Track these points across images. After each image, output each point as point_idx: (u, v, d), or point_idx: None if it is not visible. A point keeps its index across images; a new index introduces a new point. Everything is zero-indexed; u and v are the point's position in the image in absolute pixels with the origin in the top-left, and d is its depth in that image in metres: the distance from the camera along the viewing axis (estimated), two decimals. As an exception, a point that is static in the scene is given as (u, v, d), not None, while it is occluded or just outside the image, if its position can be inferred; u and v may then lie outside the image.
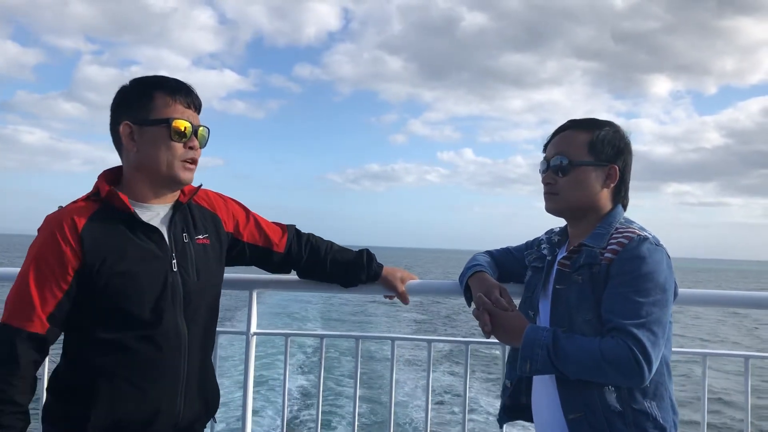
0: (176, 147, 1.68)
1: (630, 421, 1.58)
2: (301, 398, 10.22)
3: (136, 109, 1.67)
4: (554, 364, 1.55)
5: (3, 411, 1.53)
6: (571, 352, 1.54)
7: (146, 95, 1.68)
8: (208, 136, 1.78)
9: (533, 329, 1.63)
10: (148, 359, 1.63)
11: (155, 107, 1.67)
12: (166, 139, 1.66)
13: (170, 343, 1.66)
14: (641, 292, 1.54)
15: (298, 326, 19.16)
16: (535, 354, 1.57)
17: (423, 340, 2.49)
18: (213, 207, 1.89)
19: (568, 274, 1.69)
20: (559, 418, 1.66)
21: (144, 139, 1.67)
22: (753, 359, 2.25)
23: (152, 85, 1.70)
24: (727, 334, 22.72)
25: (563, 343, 1.55)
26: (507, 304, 1.73)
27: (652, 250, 1.59)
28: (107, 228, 1.62)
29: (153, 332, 1.63)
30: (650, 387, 1.60)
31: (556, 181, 1.75)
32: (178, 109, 1.68)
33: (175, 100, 1.68)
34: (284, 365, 2.42)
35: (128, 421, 1.63)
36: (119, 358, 1.62)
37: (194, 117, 1.72)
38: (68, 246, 1.58)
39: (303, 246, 2.05)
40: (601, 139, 1.73)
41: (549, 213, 1.81)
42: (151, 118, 1.66)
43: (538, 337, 1.58)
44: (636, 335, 1.49)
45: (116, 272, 1.59)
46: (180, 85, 1.72)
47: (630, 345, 1.48)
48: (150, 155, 1.67)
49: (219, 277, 1.86)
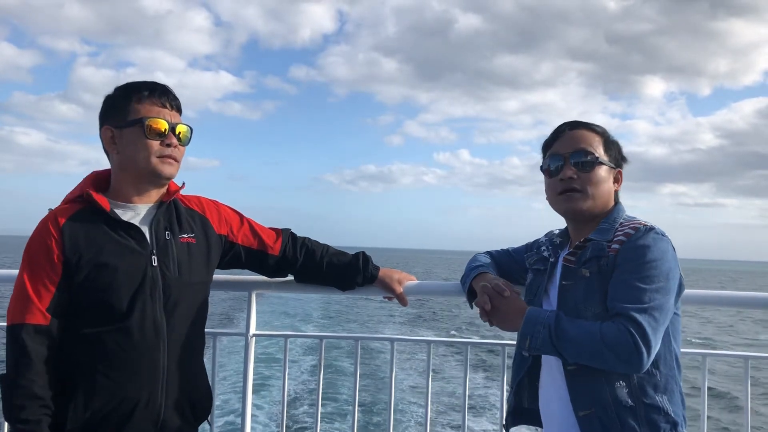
0: (152, 144, 1.73)
1: (642, 416, 1.56)
2: (300, 399, 10.22)
3: (115, 113, 1.76)
4: (554, 343, 1.54)
5: (25, 406, 1.58)
6: (572, 333, 1.53)
7: (124, 99, 1.76)
8: (191, 134, 1.83)
9: (535, 310, 1.62)
10: (126, 352, 1.66)
11: (131, 110, 1.74)
12: (142, 137, 1.73)
13: (148, 335, 1.69)
14: (645, 279, 1.54)
15: (301, 326, 19.19)
16: (536, 331, 1.56)
17: (422, 341, 2.49)
18: (203, 210, 1.94)
19: (574, 270, 1.68)
20: (569, 415, 1.64)
21: (123, 141, 1.75)
22: (753, 360, 2.25)
23: (130, 89, 1.77)
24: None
25: (565, 324, 1.55)
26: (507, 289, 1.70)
27: (657, 239, 1.59)
28: (87, 226, 1.70)
29: (130, 324, 1.67)
30: (661, 381, 1.59)
31: (579, 176, 1.70)
32: (154, 110, 1.75)
33: (151, 101, 1.75)
34: (283, 366, 2.42)
35: (106, 415, 1.66)
36: (97, 351, 1.66)
37: (173, 115, 1.78)
38: (52, 241, 1.66)
39: (298, 249, 2.06)
40: (612, 142, 1.76)
41: (568, 214, 1.76)
42: (128, 119, 1.74)
43: (541, 316, 1.58)
44: (637, 320, 1.48)
45: (94, 266, 1.66)
46: (156, 87, 1.78)
47: (630, 329, 1.47)
48: (128, 155, 1.75)
49: (205, 276, 1.88)
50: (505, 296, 1.69)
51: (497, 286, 1.72)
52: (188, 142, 1.83)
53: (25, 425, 1.57)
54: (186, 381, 1.79)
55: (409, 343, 13.84)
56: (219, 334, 2.40)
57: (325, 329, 19.03)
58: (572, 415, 1.63)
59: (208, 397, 1.91)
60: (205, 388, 1.90)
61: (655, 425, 1.57)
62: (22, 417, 1.57)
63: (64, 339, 1.67)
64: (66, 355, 1.67)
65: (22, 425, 1.57)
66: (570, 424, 1.64)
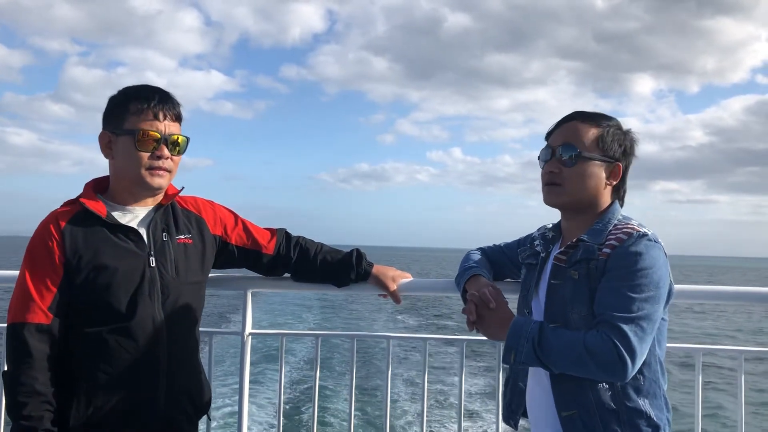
0: (141, 156, 1.75)
1: (624, 419, 1.57)
2: (297, 397, 10.21)
3: (113, 119, 1.78)
4: (538, 356, 1.54)
5: (28, 402, 1.61)
6: (556, 345, 1.53)
7: (122, 106, 1.77)
8: (187, 144, 1.85)
9: (519, 322, 1.62)
10: (126, 350, 1.70)
11: (128, 118, 1.75)
12: (133, 149, 1.75)
13: (147, 333, 1.73)
14: (635, 288, 1.53)
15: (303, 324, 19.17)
16: (520, 345, 1.56)
17: (418, 339, 2.50)
18: (199, 211, 1.97)
19: (564, 269, 1.67)
20: (552, 415, 1.65)
21: (117, 149, 1.78)
22: (747, 355, 2.26)
23: (129, 96, 1.78)
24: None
25: (548, 336, 1.54)
26: (493, 298, 1.70)
27: (650, 247, 1.57)
28: (86, 229, 1.73)
29: (130, 324, 1.70)
30: (644, 384, 1.60)
31: (561, 170, 1.68)
32: (147, 121, 1.75)
33: (148, 110, 1.75)
34: (280, 365, 2.43)
35: (108, 411, 1.69)
36: (98, 350, 1.69)
37: (168, 126, 1.78)
38: (54, 243, 1.70)
39: (292, 248, 2.09)
40: (611, 135, 1.70)
41: (549, 206, 1.76)
42: (123, 128, 1.76)
43: (524, 329, 1.58)
44: (622, 330, 1.48)
45: (93, 267, 1.70)
46: (154, 95, 1.77)
47: (614, 340, 1.47)
48: (120, 164, 1.79)
49: (201, 276, 1.92)
50: (491, 307, 1.69)
51: (484, 295, 1.72)
52: (183, 152, 1.84)
53: (28, 421, 1.60)
54: (185, 377, 1.83)
55: (408, 340, 13.85)
56: (215, 333, 2.41)
57: (325, 327, 19.03)
58: (556, 415, 1.64)
59: (207, 392, 1.95)
60: (203, 383, 1.94)
61: (636, 428, 1.58)
62: (24, 413, 1.60)
63: (65, 338, 1.70)
64: (68, 354, 1.70)
65: (26, 421, 1.60)
66: (553, 424, 1.65)
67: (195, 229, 1.92)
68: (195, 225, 1.93)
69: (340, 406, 9.54)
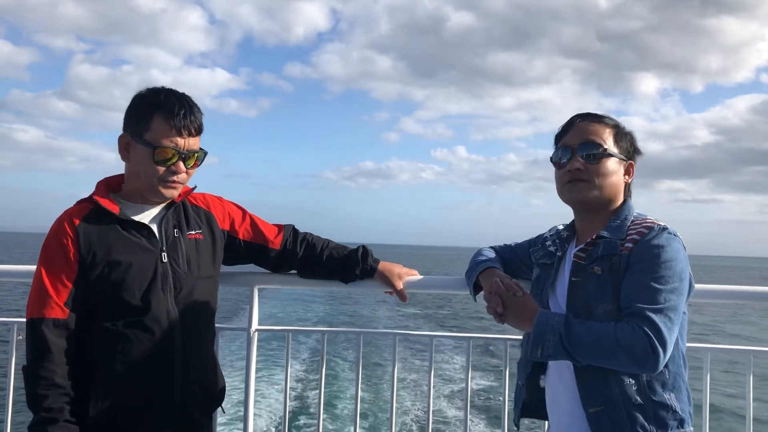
0: (158, 169, 1.80)
1: (650, 414, 1.57)
2: (302, 393, 10.23)
3: (136, 124, 1.81)
4: (566, 349, 1.53)
5: (48, 395, 1.65)
6: (585, 336, 1.52)
7: (146, 114, 1.79)
8: (204, 157, 1.88)
9: (545, 314, 1.60)
10: (142, 343, 1.74)
11: (150, 128, 1.78)
12: (150, 160, 1.79)
13: (162, 327, 1.77)
14: (660, 279, 1.53)
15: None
16: (546, 339, 1.55)
17: (425, 336, 2.49)
18: (208, 206, 2.02)
19: (584, 266, 1.67)
20: (578, 412, 1.64)
21: (134, 154, 1.82)
22: (756, 354, 2.24)
23: (155, 105, 1.79)
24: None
25: (576, 328, 1.53)
26: (519, 290, 1.70)
27: (671, 239, 1.59)
28: (99, 226, 1.78)
29: (145, 318, 1.75)
30: (669, 378, 1.59)
31: (587, 167, 1.69)
32: (168, 136, 1.78)
33: (171, 126, 1.78)
34: (286, 361, 2.43)
35: (126, 403, 1.74)
36: (114, 344, 1.73)
37: (188, 142, 1.81)
38: (68, 240, 1.75)
39: (299, 243, 2.12)
40: (624, 134, 1.75)
41: (571, 203, 1.77)
42: (143, 137, 1.79)
43: (550, 322, 1.57)
44: (653, 320, 1.48)
45: (107, 263, 1.74)
46: (179, 109, 1.79)
47: (646, 330, 1.47)
48: (135, 170, 1.83)
49: (212, 270, 1.96)
50: (518, 296, 1.68)
51: (509, 285, 1.71)
52: (201, 164, 1.89)
53: (48, 413, 1.63)
54: (199, 370, 1.87)
55: (414, 337, 13.84)
56: (221, 329, 2.40)
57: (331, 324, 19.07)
58: (581, 411, 1.63)
59: (221, 383, 1.99)
60: (217, 375, 1.99)
61: (663, 422, 1.57)
62: (45, 405, 1.64)
63: (82, 333, 1.74)
64: (85, 349, 1.74)
65: (46, 413, 1.64)
66: (579, 420, 1.64)
67: (205, 224, 1.96)
68: (205, 221, 1.97)
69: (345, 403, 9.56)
